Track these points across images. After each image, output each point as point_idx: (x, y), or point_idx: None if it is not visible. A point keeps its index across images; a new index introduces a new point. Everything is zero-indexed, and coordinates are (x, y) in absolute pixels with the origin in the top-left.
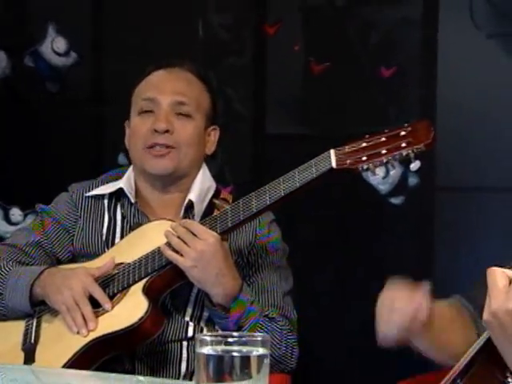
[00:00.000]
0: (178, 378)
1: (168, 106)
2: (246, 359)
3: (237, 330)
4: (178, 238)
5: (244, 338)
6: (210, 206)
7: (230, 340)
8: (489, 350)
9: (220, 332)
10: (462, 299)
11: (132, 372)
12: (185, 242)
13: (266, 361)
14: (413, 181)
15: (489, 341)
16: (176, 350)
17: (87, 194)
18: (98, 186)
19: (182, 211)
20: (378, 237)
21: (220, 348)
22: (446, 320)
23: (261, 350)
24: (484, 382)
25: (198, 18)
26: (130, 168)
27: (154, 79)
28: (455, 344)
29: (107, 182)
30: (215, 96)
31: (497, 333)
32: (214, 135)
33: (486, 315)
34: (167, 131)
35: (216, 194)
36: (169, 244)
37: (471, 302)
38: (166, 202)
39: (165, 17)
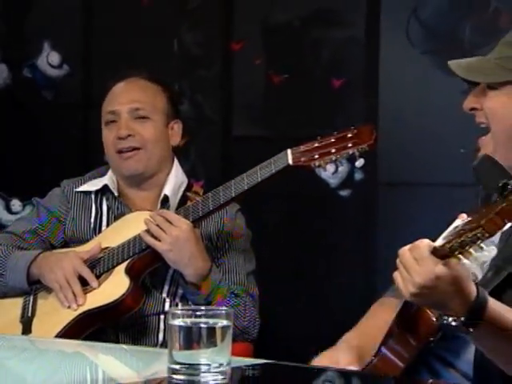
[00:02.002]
0: (156, 347)
1: (126, 113)
2: (211, 330)
3: (207, 305)
4: (156, 225)
5: (210, 312)
6: (184, 198)
7: (198, 313)
8: (403, 319)
9: (189, 307)
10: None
11: (116, 341)
12: (162, 229)
13: (229, 331)
14: (358, 176)
15: (400, 315)
16: (154, 323)
17: (77, 190)
18: (85, 182)
19: (159, 205)
20: (329, 224)
21: (189, 320)
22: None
23: (225, 322)
24: (401, 348)
25: (174, 36)
26: None
27: (114, 93)
28: None
29: (94, 178)
30: (172, 94)
31: (424, 301)
32: (176, 128)
33: (411, 291)
34: (130, 135)
35: (188, 188)
36: (148, 231)
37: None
38: (144, 197)
39: (145, 34)
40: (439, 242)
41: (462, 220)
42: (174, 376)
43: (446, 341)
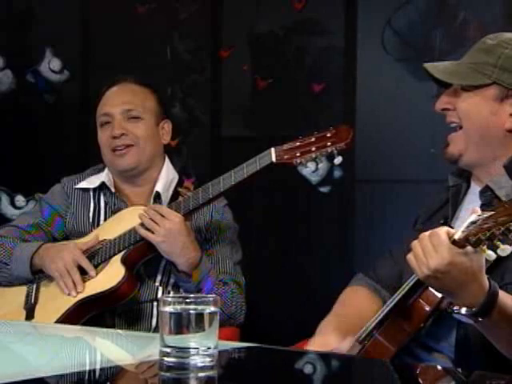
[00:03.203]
0: (150, 331)
1: (119, 114)
2: (200, 316)
3: (197, 292)
4: (150, 219)
5: (199, 299)
6: (175, 193)
7: (188, 300)
8: (398, 308)
9: (179, 294)
10: (363, 278)
11: (112, 326)
12: (155, 222)
13: (217, 317)
14: (337, 174)
15: (398, 301)
16: (148, 309)
17: (76, 186)
18: (84, 179)
19: (152, 200)
20: (310, 218)
21: (179, 307)
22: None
23: (212, 308)
24: (394, 333)
25: (167, 44)
26: None
27: (107, 97)
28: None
29: (91, 175)
30: (160, 96)
31: (438, 284)
32: (166, 127)
33: (425, 272)
34: (123, 134)
35: (179, 184)
36: (142, 224)
37: (373, 278)
38: (138, 193)
39: (140, 43)
40: (459, 234)
41: (477, 215)
42: (165, 358)
43: (430, 328)
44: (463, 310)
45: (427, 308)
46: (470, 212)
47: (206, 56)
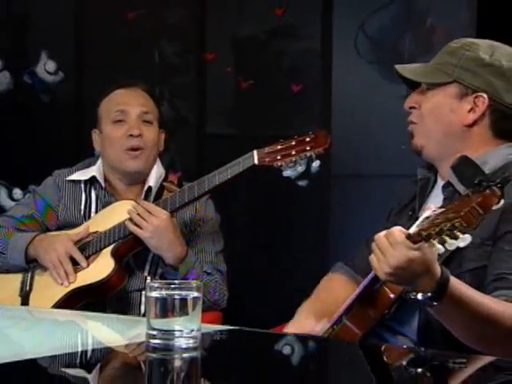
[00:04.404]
0: None
1: (136, 115)
2: (183, 300)
3: None
4: (138, 215)
5: (182, 285)
6: (161, 188)
7: (172, 286)
8: (364, 295)
9: (165, 281)
10: (343, 267)
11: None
12: (143, 218)
13: (199, 302)
14: (314, 169)
15: (365, 289)
16: (137, 298)
17: (67, 178)
18: (75, 172)
19: (143, 194)
20: (289, 209)
21: (165, 292)
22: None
23: (195, 294)
24: (361, 319)
25: (155, 47)
26: (99, 161)
27: (121, 95)
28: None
29: (81, 169)
30: (160, 107)
31: (397, 280)
32: (162, 137)
33: (386, 271)
34: (139, 135)
35: (165, 178)
36: (131, 219)
37: (350, 266)
38: (129, 189)
39: (130, 46)
40: (413, 229)
41: (431, 211)
42: (152, 340)
43: (394, 313)
44: (419, 296)
45: (391, 295)
46: (427, 208)
47: (192, 59)
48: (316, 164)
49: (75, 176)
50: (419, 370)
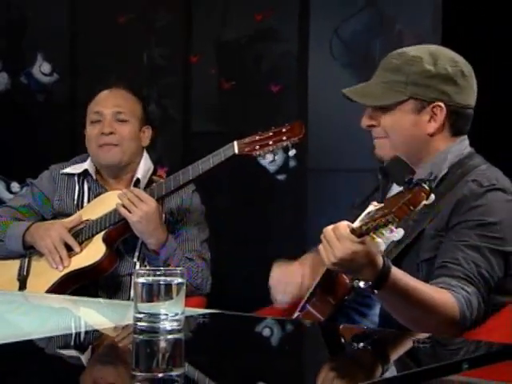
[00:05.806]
0: (129, 300)
1: (110, 115)
2: (168, 286)
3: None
4: (128, 199)
5: (167, 271)
6: (150, 181)
7: (158, 273)
8: (323, 283)
9: (151, 267)
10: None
11: (95, 297)
12: (133, 204)
13: (183, 287)
14: (292, 163)
15: (323, 277)
16: (127, 281)
17: (62, 171)
18: (69, 166)
19: (132, 186)
20: (269, 202)
21: (151, 278)
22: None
23: (179, 280)
24: (321, 305)
25: (143, 50)
26: None
27: (100, 97)
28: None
29: (76, 163)
30: (145, 104)
31: (343, 269)
32: (147, 132)
33: (332, 261)
34: (111, 133)
35: (154, 173)
36: (121, 204)
37: None
38: (119, 181)
39: (120, 48)
40: (356, 223)
41: (374, 206)
42: (139, 323)
43: (362, 298)
44: (361, 284)
45: (348, 282)
46: (370, 204)
47: (178, 61)
48: (292, 153)
49: (69, 170)
50: (361, 344)
